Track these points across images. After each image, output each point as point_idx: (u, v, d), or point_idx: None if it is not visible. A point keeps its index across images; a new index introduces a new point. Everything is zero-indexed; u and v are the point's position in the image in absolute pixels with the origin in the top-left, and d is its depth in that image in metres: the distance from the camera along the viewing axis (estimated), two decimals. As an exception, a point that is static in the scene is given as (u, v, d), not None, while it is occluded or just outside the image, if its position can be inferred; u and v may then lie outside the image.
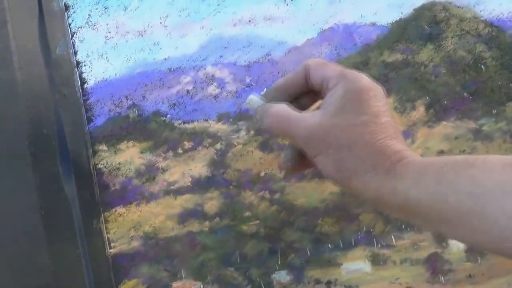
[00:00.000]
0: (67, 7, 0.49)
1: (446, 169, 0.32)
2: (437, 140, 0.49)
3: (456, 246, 0.49)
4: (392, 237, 0.49)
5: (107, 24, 0.49)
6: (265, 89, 0.41)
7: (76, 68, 0.49)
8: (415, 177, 0.33)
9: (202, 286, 0.49)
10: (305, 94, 0.40)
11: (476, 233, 0.31)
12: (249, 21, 0.49)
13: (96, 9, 0.49)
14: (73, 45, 0.49)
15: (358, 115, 0.35)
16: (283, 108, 0.39)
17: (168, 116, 0.49)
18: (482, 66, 0.50)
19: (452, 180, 0.31)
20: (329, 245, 0.49)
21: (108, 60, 0.49)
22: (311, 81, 0.39)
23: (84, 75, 0.49)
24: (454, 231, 0.32)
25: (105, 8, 0.49)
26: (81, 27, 0.49)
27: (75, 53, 0.49)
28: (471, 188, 0.30)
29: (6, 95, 0.47)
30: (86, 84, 0.49)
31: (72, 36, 0.49)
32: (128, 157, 0.49)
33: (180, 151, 0.49)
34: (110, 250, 0.49)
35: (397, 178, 0.34)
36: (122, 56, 0.49)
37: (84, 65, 0.49)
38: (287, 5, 0.49)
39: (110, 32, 0.49)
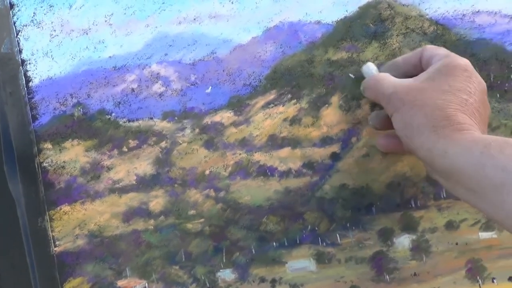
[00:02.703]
0: (12, 6, 0.49)
1: (494, 145, 0.35)
2: (382, 138, 0.49)
3: (401, 245, 0.49)
4: (337, 235, 0.49)
5: (52, 22, 0.49)
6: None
7: (21, 67, 0.49)
8: (465, 146, 0.36)
9: (147, 284, 0.49)
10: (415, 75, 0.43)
11: (503, 205, 0.34)
12: (194, 19, 0.49)
13: (41, 7, 0.49)
14: (18, 44, 0.49)
15: (443, 84, 0.39)
16: (383, 74, 0.44)
17: (113, 114, 0.49)
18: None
19: (494, 154, 0.34)
20: (274, 244, 0.49)
21: (53, 58, 0.49)
22: (423, 59, 0.43)
23: (29, 74, 0.49)
24: (483, 202, 0.35)
25: (50, 7, 0.49)
26: (26, 25, 0.49)
27: (20, 51, 0.49)
28: (507, 164, 0.33)
29: (-49, 93, 0.47)
30: (31, 83, 0.49)
31: (17, 34, 0.49)
32: (73, 155, 0.49)
33: (125, 149, 0.49)
34: (55, 249, 0.49)
35: (450, 143, 0.37)
36: (67, 54, 0.49)
37: (29, 64, 0.49)
38: (232, 3, 0.49)
39: (55, 30, 0.49)
